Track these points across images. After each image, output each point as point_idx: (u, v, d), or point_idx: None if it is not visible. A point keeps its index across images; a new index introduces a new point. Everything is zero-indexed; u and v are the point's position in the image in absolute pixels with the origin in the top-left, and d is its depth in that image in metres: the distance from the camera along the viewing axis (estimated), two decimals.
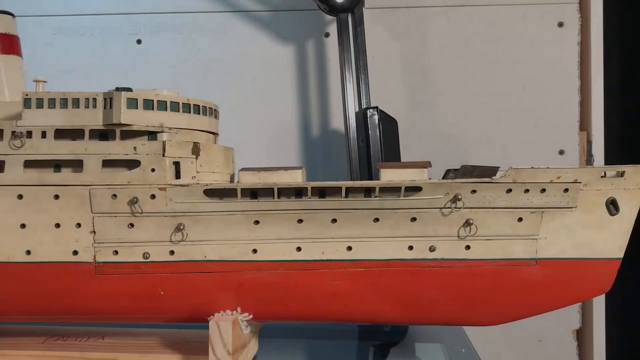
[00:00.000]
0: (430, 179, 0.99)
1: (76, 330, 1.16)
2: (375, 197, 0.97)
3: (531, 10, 1.57)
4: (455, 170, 1.04)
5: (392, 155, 1.33)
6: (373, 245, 1.00)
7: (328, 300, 1.01)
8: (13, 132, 0.99)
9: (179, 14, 1.62)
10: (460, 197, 0.96)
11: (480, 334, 1.25)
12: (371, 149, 1.31)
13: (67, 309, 1.03)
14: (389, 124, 1.34)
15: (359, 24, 1.41)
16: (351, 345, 1.29)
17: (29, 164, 0.99)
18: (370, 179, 1.29)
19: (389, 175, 0.99)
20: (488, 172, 0.97)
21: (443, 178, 1.04)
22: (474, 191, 0.96)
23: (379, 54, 1.56)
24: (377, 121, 1.32)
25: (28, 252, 0.99)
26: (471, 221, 0.98)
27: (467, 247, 1.00)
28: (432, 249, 1.00)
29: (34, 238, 0.99)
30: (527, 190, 0.97)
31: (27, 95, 1.00)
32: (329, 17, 1.56)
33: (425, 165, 1.00)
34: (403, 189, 0.96)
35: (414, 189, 0.97)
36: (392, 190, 0.97)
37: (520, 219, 0.98)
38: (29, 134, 0.99)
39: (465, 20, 1.58)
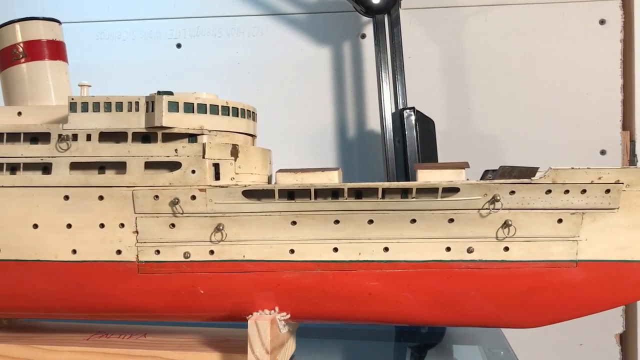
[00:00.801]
0: (468, 179, 0.98)
1: (119, 327, 1.19)
2: (412, 198, 0.97)
3: (571, 8, 1.54)
4: (493, 170, 1.03)
5: (429, 156, 1.33)
6: (410, 246, 1.00)
7: (365, 301, 1.02)
8: (59, 135, 1.02)
9: (218, 18, 1.65)
10: (498, 198, 0.95)
11: (520, 337, 1.24)
12: (408, 149, 1.31)
13: (111, 307, 1.06)
14: (425, 124, 1.34)
15: (395, 24, 1.41)
16: (388, 346, 1.30)
17: (74, 166, 1.02)
18: (407, 180, 1.29)
19: (426, 176, 0.99)
20: (527, 172, 0.96)
21: (481, 179, 1.03)
22: (512, 192, 0.95)
23: (415, 55, 1.55)
24: (413, 122, 1.32)
25: (74, 252, 1.02)
26: (510, 222, 0.97)
27: (506, 249, 0.99)
28: (469, 251, 0.99)
29: (79, 238, 1.02)
30: (567, 191, 0.95)
31: (72, 99, 1.03)
32: (365, 19, 1.56)
33: (463, 166, 1.00)
34: (440, 190, 0.96)
35: (452, 190, 0.96)
36: (430, 191, 0.96)
37: (560, 220, 0.97)
38: (75, 137, 1.02)
39: (503, 19, 1.56)
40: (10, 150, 1.04)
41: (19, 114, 1.09)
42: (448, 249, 1.00)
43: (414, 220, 0.99)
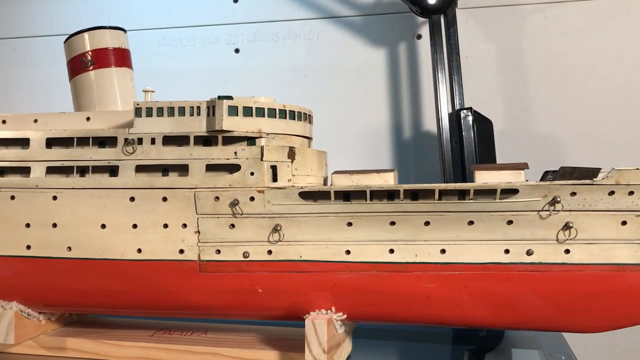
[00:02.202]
0: (527, 181, 0.96)
1: (181, 325, 1.23)
2: (470, 199, 0.96)
3: (635, 3, 1.48)
4: (553, 172, 1.00)
5: (487, 156, 1.31)
6: (467, 248, 0.99)
7: (421, 303, 1.01)
8: (126, 139, 1.07)
9: (274, 23, 1.68)
10: (559, 199, 0.93)
11: (582, 341, 1.21)
12: (465, 150, 1.29)
13: (173, 304, 1.09)
14: (483, 124, 1.32)
15: (451, 24, 1.40)
16: (445, 348, 1.28)
17: (139, 169, 1.06)
18: (464, 181, 1.28)
19: (483, 178, 0.98)
20: (589, 173, 0.94)
21: (541, 180, 1.01)
22: (573, 193, 0.93)
23: (472, 54, 1.54)
24: (471, 122, 1.30)
25: (139, 251, 1.06)
26: (571, 224, 0.94)
27: (567, 251, 0.96)
28: (529, 253, 0.97)
29: (144, 237, 1.06)
30: (631, 193, 0.92)
31: (137, 104, 1.08)
32: (420, 19, 1.56)
33: (522, 167, 0.98)
34: (499, 191, 0.95)
35: (510, 192, 0.95)
36: (488, 192, 0.95)
37: (624, 223, 0.94)
38: (140, 141, 1.06)
39: (563, 16, 1.52)
40: (80, 154, 1.09)
41: (88, 119, 1.15)
42: (507, 251, 0.98)
43: (471, 222, 0.98)
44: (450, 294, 1.00)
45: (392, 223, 1.00)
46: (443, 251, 1.00)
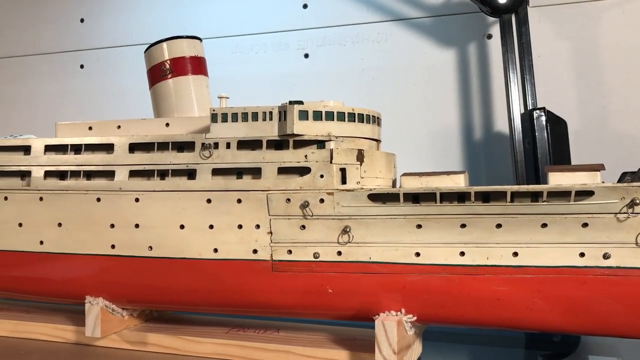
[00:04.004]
0: (603, 182, 0.94)
1: (254, 322, 1.27)
2: (543, 201, 0.94)
3: None
4: (632, 173, 0.97)
5: (561, 157, 1.28)
6: (541, 251, 0.98)
7: (492, 306, 1.00)
8: (203, 144, 1.11)
9: (343, 27, 1.70)
10: (638, 201, 0.90)
11: None
12: (538, 151, 1.27)
13: (247, 302, 1.13)
14: (557, 125, 1.29)
15: (523, 23, 1.37)
16: (517, 353, 1.26)
17: (216, 172, 1.11)
18: (538, 183, 1.25)
19: (557, 179, 0.96)
20: None
21: (618, 181, 0.97)
22: None
23: (545, 53, 1.50)
24: (544, 122, 1.28)
25: (215, 250, 1.11)
26: None
27: None
28: (606, 257, 0.94)
29: (220, 237, 1.10)
30: None
31: (213, 110, 1.12)
32: (491, 19, 1.53)
33: (598, 168, 0.95)
34: (573, 193, 0.92)
35: (586, 194, 0.92)
36: (562, 194, 0.93)
37: None
38: (216, 145, 1.11)
39: None
40: (160, 158, 1.15)
41: (167, 125, 1.21)
42: (582, 254, 0.96)
43: (544, 225, 0.96)
44: (522, 297, 0.98)
45: (463, 225, 0.99)
46: (515, 254, 0.98)
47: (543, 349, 1.26)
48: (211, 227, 1.10)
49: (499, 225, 0.98)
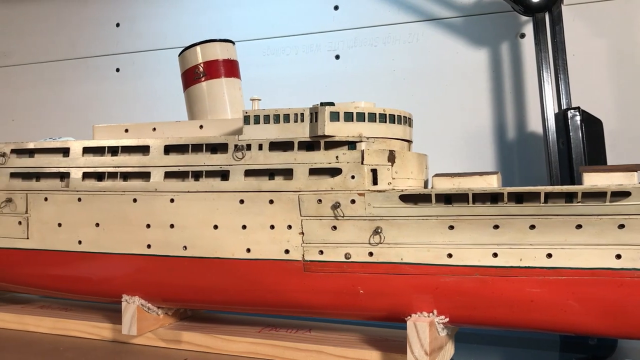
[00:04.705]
0: None
1: (286, 322, 1.28)
2: (578, 202, 0.93)
3: None
4: None
5: (596, 158, 1.26)
6: (575, 253, 0.96)
7: (526, 308, 0.99)
8: (235, 146, 1.13)
9: (374, 28, 1.70)
10: None
11: None
12: (572, 151, 1.25)
13: (279, 302, 1.14)
14: (592, 124, 1.27)
15: (557, 22, 1.35)
16: (552, 356, 1.25)
17: (248, 173, 1.12)
18: (572, 183, 1.23)
19: (592, 180, 0.94)
20: None
21: None
22: None
23: (580, 52, 1.47)
24: (579, 122, 1.26)
25: (248, 250, 1.12)
26: None
27: None
28: None
29: (252, 238, 1.11)
30: None
31: (246, 112, 1.14)
32: (524, 18, 1.52)
33: (635, 168, 0.93)
34: (609, 194, 0.91)
35: (622, 194, 0.91)
36: (597, 195, 0.92)
37: None
38: (249, 147, 1.12)
39: None
40: (194, 160, 1.17)
41: (201, 127, 1.23)
42: (618, 256, 0.94)
43: (579, 226, 0.95)
44: (556, 299, 0.97)
45: (496, 226, 0.99)
46: (549, 255, 0.97)
47: (579, 352, 1.24)
48: (244, 227, 1.12)
49: (532, 227, 0.97)
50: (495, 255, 1.00)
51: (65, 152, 1.29)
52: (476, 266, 1.01)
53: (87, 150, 1.27)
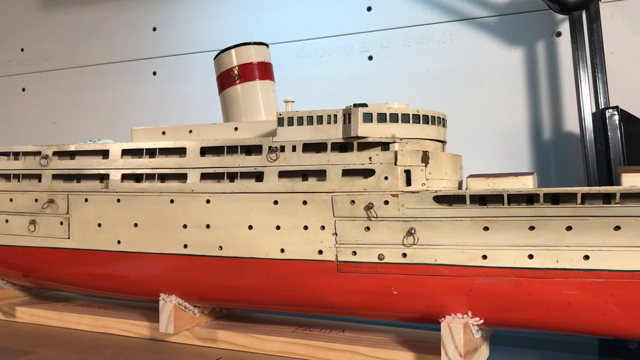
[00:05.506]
0: None
1: (319, 322, 1.29)
2: (616, 203, 0.91)
3: None
4: None
5: (636, 158, 1.23)
6: (614, 255, 0.95)
7: (563, 310, 0.98)
8: (269, 147, 1.14)
9: (407, 28, 1.69)
10: None
11: None
12: (611, 152, 1.22)
13: (312, 302, 1.15)
14: (631, 124, 1.24)
15: (594, 20, 1.33)
16: None
17: (282, 174, 1.13)
18: (610, 184, 1.21)
19: (632, 180, 0.92)
20: None
21: None
22: None
23: (618, 50, 1.44)
24: (617, 121, 1.23)
25: (282, 250, 1.13)
26: None
27: None
28: None
29: (286, 238, 1.12)
30: None
31: (280, 115, 1.15)
32: (560, 16, 1.49)
33: None
34: None
35: None
36: (636, 196, 0.90)
37: None
38: (282, 148, 1.13)
39: None
40: (229, 161, 1.18)
41: (236, 129, 1.25)
42: None
43: (617, 227, 0.93)
44: (594, 302, 0.96)
45: (532, 228, 0.98)
46: (586, 257, 0.96)
47: (618, 356, 1.21)
48: (278, 227, 1.13)
49: (569, 228, 0.95)
50: (530, 256, 0.99)
51: (104, 154, 1.33)
52: (511, 268, 1.00)
53: (125, 152, 1.30)
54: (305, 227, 1.11)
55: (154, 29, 2.07)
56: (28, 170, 1.40)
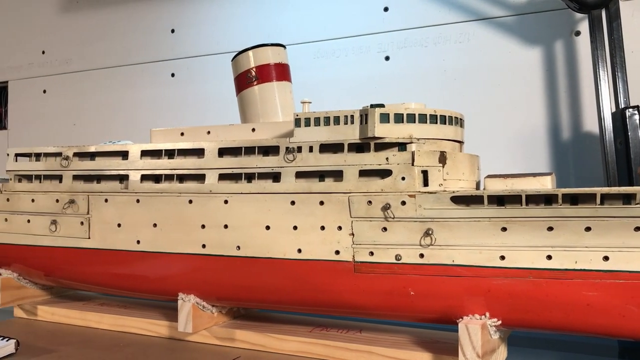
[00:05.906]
0: None
1: (337, 322, 1.29)
2: (636, 204, 0.90)
3: None
4: None
5: None
6: (634, 255, 0.94)
7: (582, 312, 0.97)
8: (287, 148, 1.15)
9: (424, 28, 1.69)
10: None
11: None
12: (631, 152, 1.21)
13: (329, 302, 1.15)
14: None
15: (614, 18, 1.32)
16: None
17: (299, 175, 1.14)
18: (630, 184, 1.20)
19: None
20: None
21: None
22: None
23: (639, 49, 1.43)
24: (637, 121, 1.22)
25: (299, 251, 1.14)
26: None
27: None
28: None
29: (303, 238, 1.13)
30: None
31: (297, 115, 1.15)
32: (578, 15, 1.48)
33: None
34: None
35: None
36: None
37: None
38: (299, 149, 1.14)
39: None
40: (247, 162, 1.19)
41: (253, 130, 1.25)
42: None
43: (638, 228, 0.92)
44: (614, 303, 0.95)
45: (550, 228, 0.97)
46: (606, 258, 0.95)
47: (638, 359, 1.20)
48: (295, 228, 1.13)
49: (588, 229, 0.95)
50: (549, 257, 0.98)
51: (124, 155, 1.34)
52: (529, 268, 0.99)
53: (145, 153, 1.32)
54: (322, 228, 1.11)
55: (172, 31, 2.09)
56: (49, 171, 1.42)
